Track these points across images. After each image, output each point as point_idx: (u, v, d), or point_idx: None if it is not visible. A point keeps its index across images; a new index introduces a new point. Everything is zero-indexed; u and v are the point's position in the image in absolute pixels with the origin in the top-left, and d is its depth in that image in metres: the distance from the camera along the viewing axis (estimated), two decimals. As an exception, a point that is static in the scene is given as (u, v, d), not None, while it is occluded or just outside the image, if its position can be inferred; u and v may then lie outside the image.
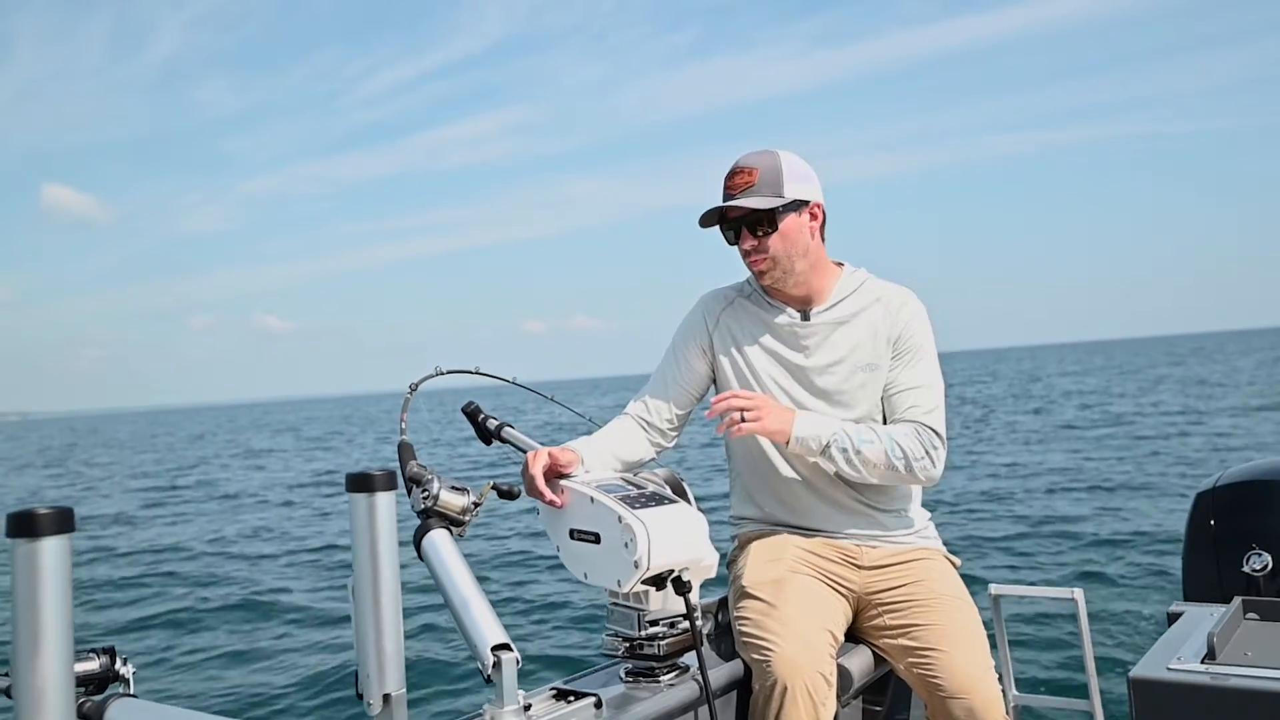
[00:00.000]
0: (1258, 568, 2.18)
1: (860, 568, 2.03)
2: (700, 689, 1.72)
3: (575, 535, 1.69)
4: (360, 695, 1.29)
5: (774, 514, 2.11)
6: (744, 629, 1.88)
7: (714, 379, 2.16)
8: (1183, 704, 1.63)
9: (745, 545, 2.10)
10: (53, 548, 0.84)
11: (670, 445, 2.14)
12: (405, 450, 1.75)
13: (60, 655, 0.85)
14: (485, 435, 2.00)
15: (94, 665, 1.30)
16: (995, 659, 1.92)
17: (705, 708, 1.68)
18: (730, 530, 2.21)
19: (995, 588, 2.34)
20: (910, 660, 1.91)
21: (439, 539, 1.60)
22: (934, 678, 1.85)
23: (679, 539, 1.61)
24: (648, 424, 2.10)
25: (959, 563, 2.12)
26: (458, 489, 1.65)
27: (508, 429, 1.99)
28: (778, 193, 1.98)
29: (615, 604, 1.81)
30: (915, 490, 2.14)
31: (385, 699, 1.27)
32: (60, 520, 0.84)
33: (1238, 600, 1.95)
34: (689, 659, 1.82)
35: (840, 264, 2.13)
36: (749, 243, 2.00)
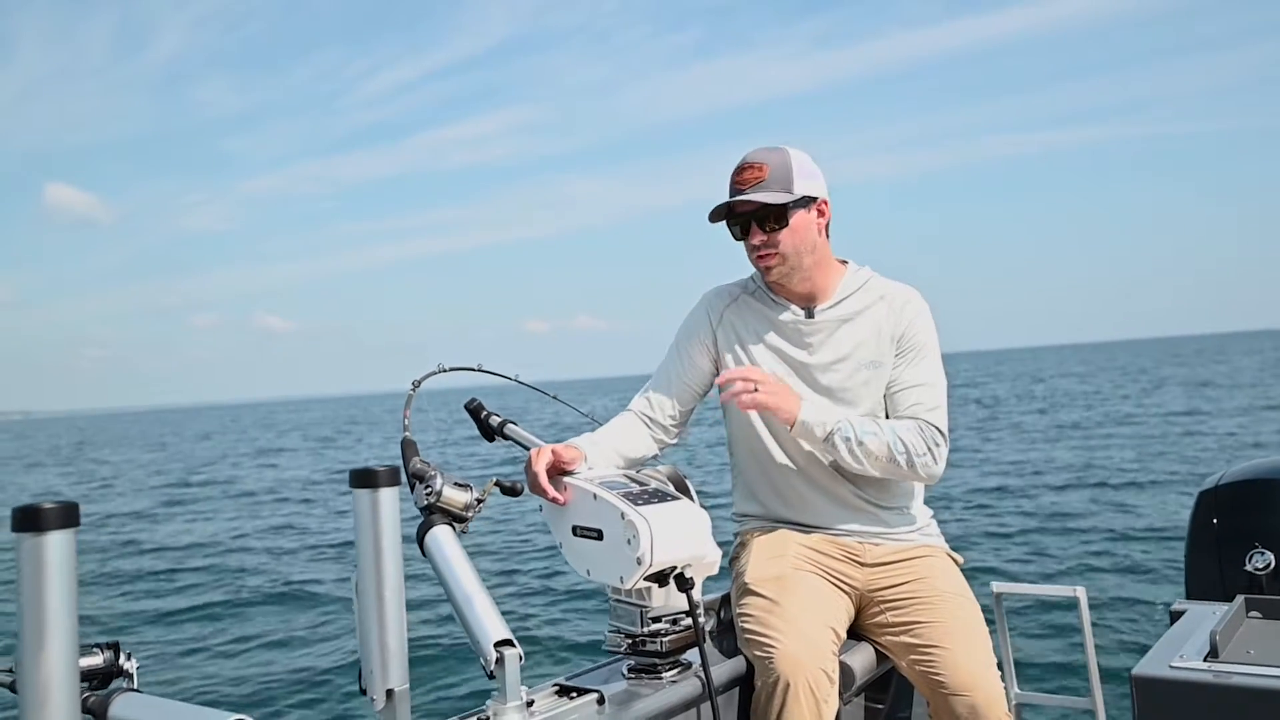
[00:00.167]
0: (1260, 566, 2.18)
1: (863, 565, 2.03)
2: (703, 686, 1.72)
3: (578, 532, 1.69)
4: (364, 690, 1.30)
5: (776, 511, 2.11)
6: (746, 626, 1.88)
7: (717, 376, 2.16)
8: (1185, 702, 1.63)
9: (747, 542, 2.10)
10: (58, 542, 0.83)
11: (673, 442, 2.13)
12: (408, 447, 1.75)
13: (65, 650, 0.84)
14: (488, 432, 2.00)
15: (98, 660, 1.30)
16: (997, 656, 1.93)
17: (708, 704, 1.68)
18: (732, 527, 2.21)
19: (997, 585, 2.34)
20: (912, 657, 1.91)
21: (442, 535, 1.60)
22: (936, 675, 1.85)
23: (681, 535, 1.61)
24: (651, 420, 2.10)
25: (961, 560, 2.12)
26: (461, 485, 1.66)
27: (510, 426, 1.99)
28: (788, 189, 1.97)
29: (618, 601, 1.81)
30: (918, 487, 2.13)
31: (389, 694, 1.27)
32: (65, 515, 0.84)
33: (1240, 599, 1.95)
34: (691, 656, 1.82)
35: (844, 262, 2.13)
36: (758, 238, 2.00)
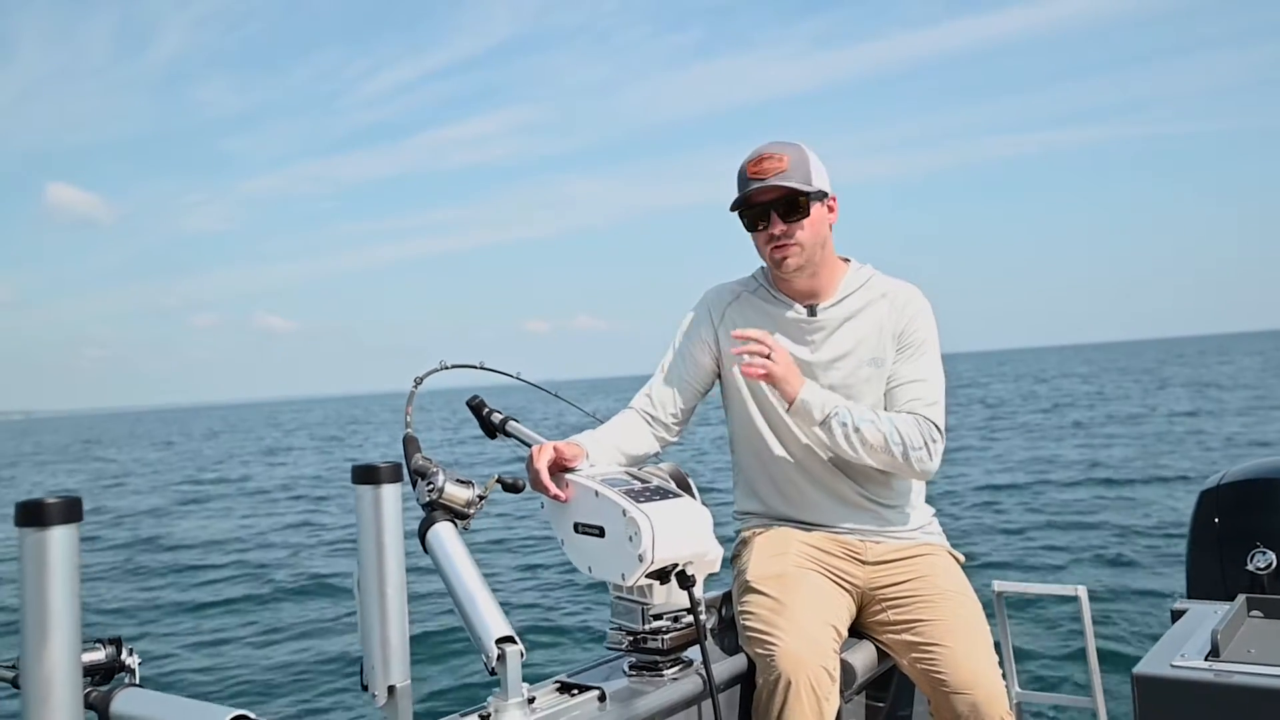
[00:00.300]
0: (1262, 566, 2.18)
1: (864, 563, 2.03)
2: (704, 683, 1.72)
3: (580, 529, 1.69)
4: (365, 686, 1.30)
5: (777, 508, 2.11)
6: (748, 623, 1.88)
7: (719, 374, 2.16)
8: (1186, 701, 1.63)
9: (749, 540, 2.10)
10: (60, 537, 0.83)
11: (675, 439, 2.13)
12: (410, 444, 1.75)
13: (68, 645, 0.84)
14: (489, 429, 2.00)
15: (100, 655, 1.30)
16: (998, 655, 1.92)
17: (709, 702, 1.68)
18: (734, 525, 2.21)
19: (999, 584, 2.34)
20: (914, 656, 1.91)
21: (443, 532, 1.61)
22: (937, 673, 1.85)
23: (683, 533, 1.61)
24: (652, 418, 2.10)
25: (962, 559, 2.12)
26: (462, 482, 1.66)
27: (512, 423, 1.98)
28: (806, 181, 1.97)
29: (619, 598, 1.81)
30: (919, 485, 2.13)
31: (390, 690, 1.27)
32: (68, 510, 0.84)
33: (1242, 598, 1.95)
34: (693, 653, 1.82)
35: (846, 260, 2.13)
36: (778, 227, 1.98)
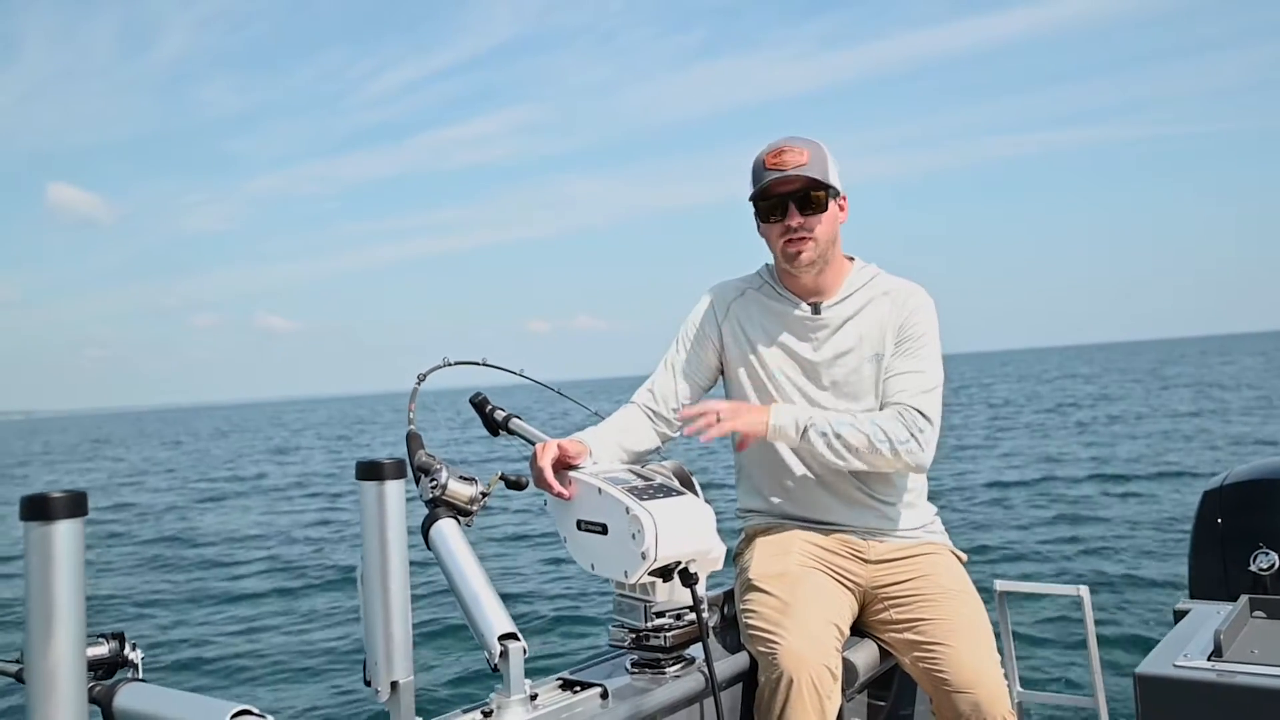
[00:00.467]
0: (1265, 567, 2.18)
1: (866, 562, 2.03)
2: (706, 681, 1.72)
3: (583, 526, 1.69)
4: (368, 682, 1.30)
5: (780, 507, 2.11)
6: (750, 622, 1.88)
7: (722, 370, 2.16)
8: (1189, 701, 1.63)
9: (752, 538, 2.10)
10: (66, 531, 0.83)
11: (676, 435, 2.13)
12: (413, 440, 1.76)
13: (72, 640, 0.84)
14: (492, 427, 2.00)
15: (103, 650, 1.31)
16: (1000, 654, 1.92)
17: (711, 700, 1.68)
18: (737, 523, 2.21)
19: (1001, 584, 2.34)
20: (916, 654, 1.90)
21: (446, 528, 1.61)
22: (939, 672, 1.85)
23: (686, 531, 1.61)
24: (654, 414, 2.10)
25: (965, 558, 2.12)
26: (466, 479, 1.66)
27: (515, 420, 1.98)
28: (825, 177, 1.97)
29: (622, 595, 1.82)
30: (922, 484, 2.13)
31: (393, 686, 1.27)
32: (73, 504, 0.83)
33: (1245, 598, 1.95)
34: (695, 651, 1.82)
35: (851, 258, 2.13)
36: (796, 220, 1.97)
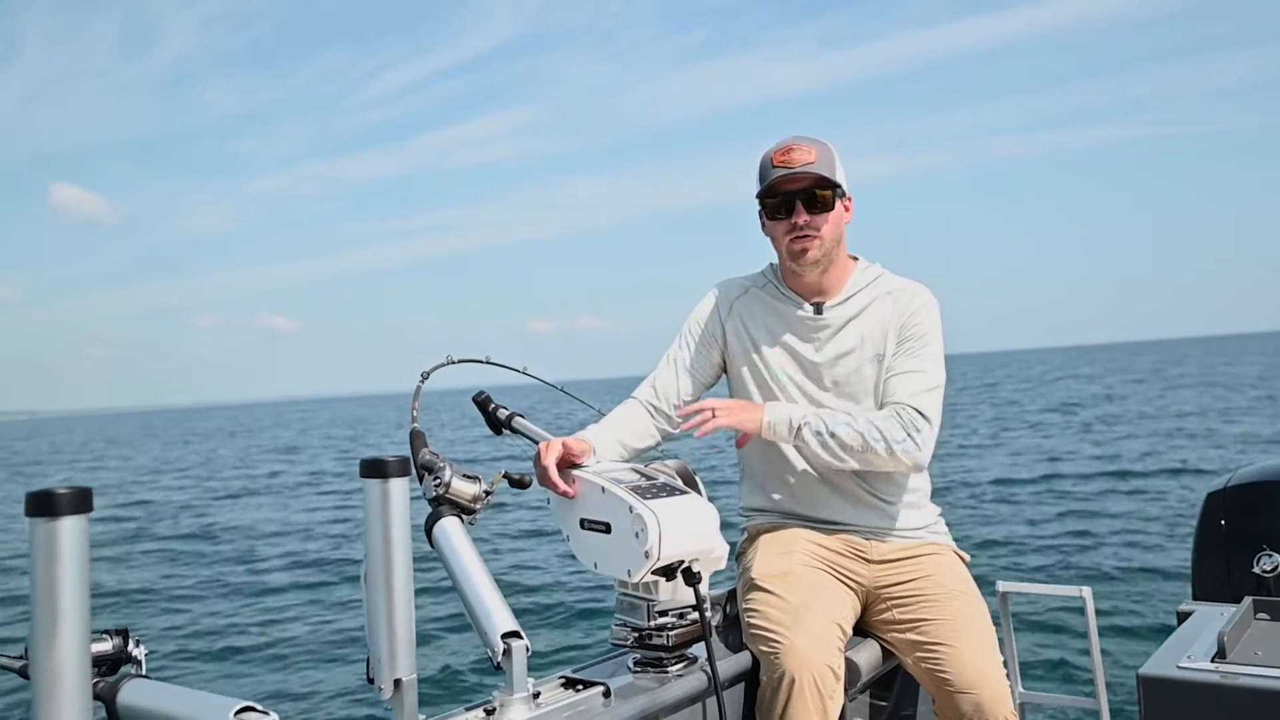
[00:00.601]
0: (1268, 569, 2.17)
1: (869, 561, 2.03)
2: (708, 680, 1.72)
3: (586, 525, 1.70)
4: (371, 680, 1.30)
5: (783, 506, 2.10)
6: (752, 621, 1.88)
7: (724, 367, 2.16)
8: (1192, 702, 1.63)
9: (755, 537, 2.10)
10: (71, 528, 0.83)
11: (677, 431, 2.12)
12: (417, 438, 1.76)
13: (77, 636, 0.84)
14: (496, 425, 2.00)
15: (107, 646, 1.31)
16: (1003, 655, 1.92)
17: (713, 699, 1.68)
18: (740, 522, 2.21)
19: (1003, 585, 2.33)
20: (918, 655, 1.90)
21: (450, 526, 1.61)
22: (942, 672, 1.85)
23: (689, 530, 1.61)
24: (655, 410, 2.09)
25: (968, 558, 2.12)
26: (469, 477, 1.66)
27: (518, 419, 1.98)
28: (832, 176, 1.97)
29: (625, 594, 1.81)
30: (925, 484, 2.13)
31: (396, 684, 1.28)
32: (78, 500, 0.83)
33: (1248, 600, 1.95)
34: (697, 650, 1.82)
35: (855, 258, 2.13)
36: (803, 217, 1.97)
